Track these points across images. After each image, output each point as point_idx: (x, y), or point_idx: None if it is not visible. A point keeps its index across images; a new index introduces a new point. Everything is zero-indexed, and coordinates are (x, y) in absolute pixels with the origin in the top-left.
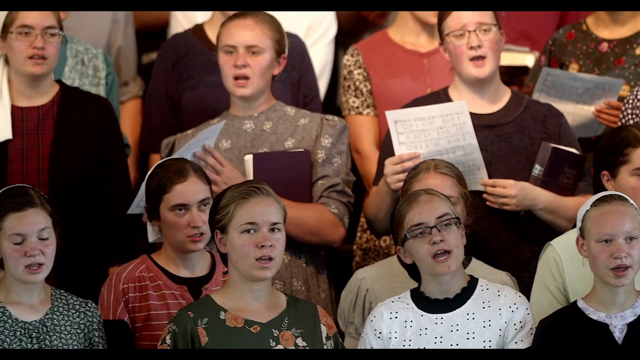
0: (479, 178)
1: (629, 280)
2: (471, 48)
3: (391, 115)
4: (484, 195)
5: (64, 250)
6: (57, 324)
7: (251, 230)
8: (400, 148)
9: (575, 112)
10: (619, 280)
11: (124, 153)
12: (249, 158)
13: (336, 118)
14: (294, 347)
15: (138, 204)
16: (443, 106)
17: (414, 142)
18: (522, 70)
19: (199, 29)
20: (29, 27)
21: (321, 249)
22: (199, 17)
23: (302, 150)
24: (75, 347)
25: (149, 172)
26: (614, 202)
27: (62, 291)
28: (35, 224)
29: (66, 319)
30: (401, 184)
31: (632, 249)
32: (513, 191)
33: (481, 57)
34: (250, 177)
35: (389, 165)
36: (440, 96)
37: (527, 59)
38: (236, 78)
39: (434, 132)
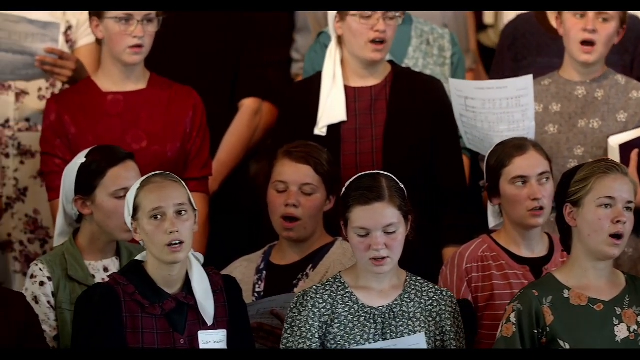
0: None
1: None
2: None
3: None
4: None
5: None
6: (406, 310)
7: (608, 205)
8: None
9: None
10: None
11: (456, 133)
12: (615, 146)
13: None
14: (636, 326)
15: None
16: None
17: None
18: None
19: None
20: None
21: None
22: None
23: None
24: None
25: (488, 152)
26: None
27: (418, 278)
28: (382, 220)
29: (417, 305)
30: None
31: None
32: None
33: None
34: None
35: None
36: None
37: None
38: (584, 43)
39: None
